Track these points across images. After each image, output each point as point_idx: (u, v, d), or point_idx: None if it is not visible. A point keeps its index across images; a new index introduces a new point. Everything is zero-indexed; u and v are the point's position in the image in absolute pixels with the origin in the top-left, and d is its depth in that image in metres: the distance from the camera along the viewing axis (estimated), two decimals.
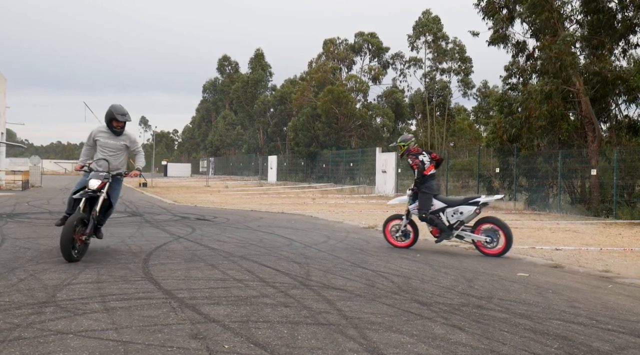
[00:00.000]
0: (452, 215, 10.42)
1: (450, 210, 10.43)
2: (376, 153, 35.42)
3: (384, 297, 6.29)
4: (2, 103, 38.13)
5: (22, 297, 5.72)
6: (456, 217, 10.38)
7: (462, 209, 10.35)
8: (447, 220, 10.44)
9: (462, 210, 10.34)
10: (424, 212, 10.45)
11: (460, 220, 10.35)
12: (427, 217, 10.43)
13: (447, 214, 10.46)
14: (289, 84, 61.31)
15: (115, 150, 9.04)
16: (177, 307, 5.51)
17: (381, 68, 50.08)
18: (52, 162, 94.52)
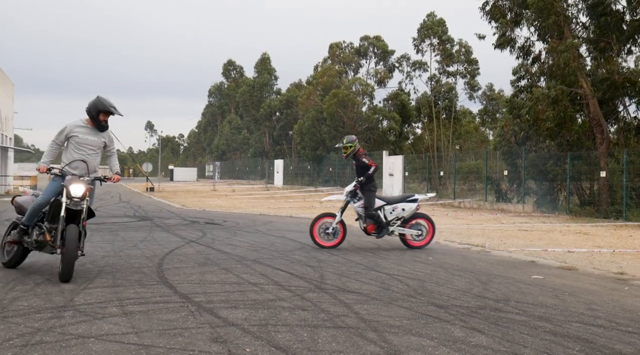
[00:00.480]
0: (390, 213, 11.00)
1: (389, 208, 11.02)
2: (383, 156, 35.40)
3: (400, 300, 6.28)
4: (10, 108, 38.32)
5: (40, 302, 5.74)
6: (395, 213, 11.01)
7: (403, 206, 11.04)
8: (384, 217, 10.97)
9: (403, 207, 11.03)
10: (372, 209, 10.82)
11: (402, 216, 11.03)
12: (375, 214, 10.83)
13: (386, 211, 11.02)
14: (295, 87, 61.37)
15: (95, 149, 7.66)
16: (195, 310, 5.51)
17: (387, 71, 50.03)
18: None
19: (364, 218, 10.95)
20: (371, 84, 49.08)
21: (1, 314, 5.22)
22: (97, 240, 11.30)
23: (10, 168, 39.15)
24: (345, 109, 45.24)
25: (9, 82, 37.38)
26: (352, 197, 11.06)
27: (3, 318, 5.07)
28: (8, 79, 37.05)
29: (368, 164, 11.03)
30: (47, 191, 7.34)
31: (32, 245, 7.40)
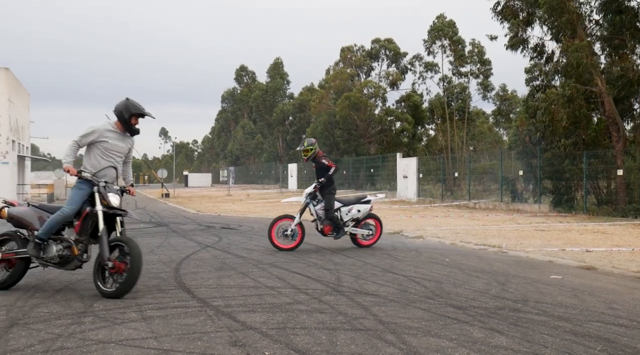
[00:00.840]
0: (346, 214, 11.23)
1: (345, 209, 11.23)
2: (397, 158, 35.34)
3: (418, 302, 6.25)
4: (26, 118, 38.73)
5: (60, 308, 5.79)
6: (351, 215, 11.23)
7: (359, 208, 11.30)
8: (340, 218, 11.16)
9: (359, 209, 11.29)
10: (333, 211, 11.00)
11: (357, 217, 11.27)
12: (335, 216, 11.01)
13: (342, 212, 11.21)
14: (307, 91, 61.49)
15: (122, 156, 7.12)
16: (214, 315, 5.52)
17: (399, 73, 49.97)
18: None
19: (322, 220, 11.06)
20: (383, 86, 49.04)
21: (22, 320, 5.27)
22: None
23: (27, 177, 39.55)
24: (357, 112, 45.23)
25: (24, 92, 37.79)
26: (311, 199, 11.16)
27: (25, 324, 5.12)
28: (24, 89, 37.46)
29: (328, 165, 11.21)
30: (74, 201, 6.63)
31: (51, 261, 6.61)
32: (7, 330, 4.94)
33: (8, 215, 6.91)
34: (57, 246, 6.62)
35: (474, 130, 53.63)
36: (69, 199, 6.71)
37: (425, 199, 31.06)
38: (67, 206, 6.62)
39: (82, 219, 6.60)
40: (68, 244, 6.62)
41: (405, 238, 13.44)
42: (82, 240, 6.61)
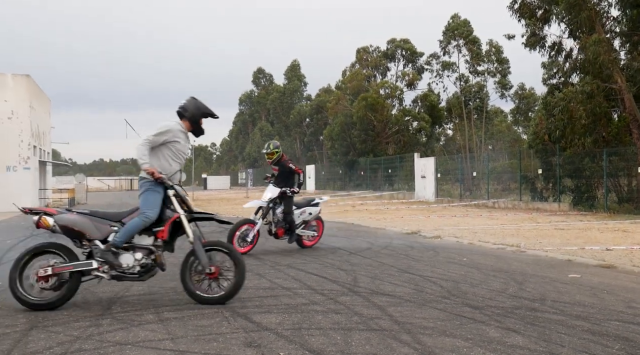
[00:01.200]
0: (298, 216, 11.20)
1: (297, 212, 11.18)
2: (414, 158, 35.24)
3: (434, 302, 6.24)
4: (47, 123, 39.22)
5: (79, 310, 5.86)
6: (302, 217, 11.27)
7: (310, 210, 11.39)
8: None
9: (310, 211, 11.38)
10: (291, 214, 10.95)
11: (307, 219, 11.35)
12: (292, 219, 10.96)
13: (295, 215, 11.10)
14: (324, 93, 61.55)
15: (184, 159, 6.88)
16: (230, 316, 5.56)
17: (416, 73, 49.82)
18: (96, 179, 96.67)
19: (277, 223, 10.88)
20: (400, 86, 48.92)
21: (42, 323, 5.35)
22: None
23: (49, 182, 40.05)
24: (374, 113, 45.16)
25: (45, 99, 38.27)
26: (273, 204, 10.90)
27: (44, 327, 5.20)
28: (45, 95, 37.93)
29: (295, 170, 11.13)
30: (155, 204, 6.25)
31: (128, 271, 6.21)
32: (26, 333, 5.02)
33: (57, 224, 6.20)
34: (135, 254, 6.20)
35: (493, 129, 53.31)
36: (148, 203, 6.25)
37: (444, 199, 30.92)
38: (149, 211, 6.20)
39: (169, 224, 6.30)
40: (149, 251, 6.25)
41: (423, 238, 13.39)
42: (160, 247, 6.33)
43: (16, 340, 4.80)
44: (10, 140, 30.13)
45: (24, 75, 31.33)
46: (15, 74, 31.14)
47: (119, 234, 6.17)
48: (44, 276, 5.97)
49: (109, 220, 6.33)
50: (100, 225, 6.27)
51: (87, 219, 6.29)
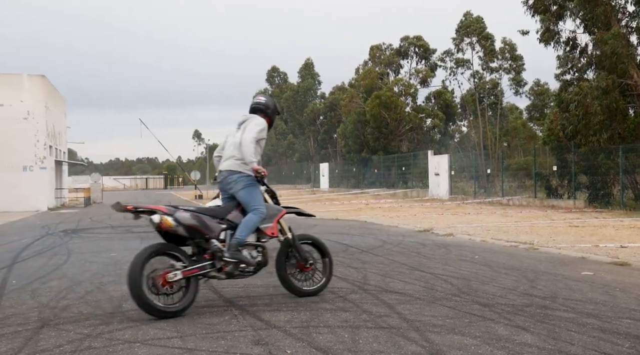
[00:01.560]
0: None
1: None
2: (428, 156, 35.12)
3: (444, 300, 6.22)
4: (63, 123, 39.57)
5: (90, 309, 5.91)
6: None
7: None
8: None
9: None
10: None
11: None
12: None
13: None
14: (338, 91, 61.52)
15: None
16: (239, 314, 5.58)
17: (429, 70, 49.63)
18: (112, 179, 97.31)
19: None
20: (413, 83, 48.76)
21: (53, 321, 5.40)
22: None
23: (65, 181, 40.41)
24: (388, 110, 45.06)
25: (61, 99, 38.61)
26: None
27: (55, 325, 5.25)
28: (60, 95, 38.28)
29: None
30: (261, 200, 6.31)
31: (246, 269, 6.11)
32: (38, 331, 5.07)
33: (180, 224, 5.70)
34: (251, 252, 6.14)
35: (507, 125, 52.95)
36: (256, 198, 6.24)
37: (458, 197, 30.79)
38: (261, 206, 6.19)
39: (277, 220, 6.37)
40: (262, 249, 6.24)
41: (435, 236, 13.35)
42: (266, 242, 6.32)
43: (27, 339, 4.86)
44: (27, 141, 30.44)
45: (39, 75, 31.64)
46: (30, 75, 31.46)
47: (240, 232, 6.01)
48: (172, 281, 5.50)
49: (216, 217, 6.09)
50: (212, 223, 5.99)
51: (200, 216, 5.91)
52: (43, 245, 12.31)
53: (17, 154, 30.13)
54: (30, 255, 10.59)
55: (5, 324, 5.32)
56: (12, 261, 9.69)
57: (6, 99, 30.26)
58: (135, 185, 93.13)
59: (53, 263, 9.51)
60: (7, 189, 29.01)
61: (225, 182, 6.39)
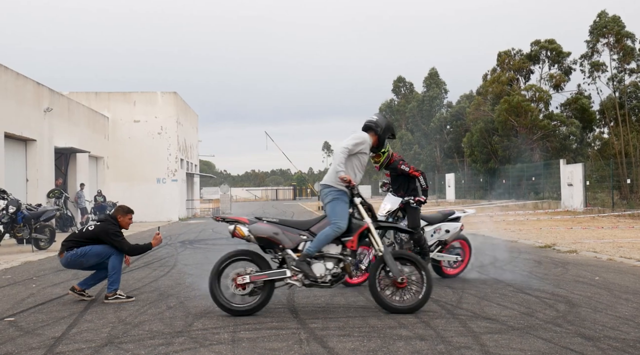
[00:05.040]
0: (431, 235, 8.55)
1: (429, 229, 8.53)
2: (560, 165, 32.93)
3: (541, 330, 5.48)
4: (195, 137, 41.57)
5: (161, 326, 5.82)
6: (437, 236, 8.58)
7: (447, 227, 8.62)
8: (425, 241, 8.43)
9: (447, 228, 8.61)
10: (419, 231, 8.25)
11: (444, 239, 8.62)
12: (422, 238, 8.20)
13: (427, 233, 8.50)
14: (465, 99, 59.79)
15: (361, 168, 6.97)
16: (304, 339, 5.22)
17: (563, 74, 46.77)
18: (244, 190, 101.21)
19: (399, 244, 8.24)
20: (546, 89, 46.15)
21: (118, 339, 5.34)
22: None
23: (196, 193, 42.37)
24: (517, 117, 42.95)
25: (193, 114, 40.59)
26: (395, 218, 8.44)
27: (118, 344, 5.17)
28: (192, 111, 40.24)
29: (411, 173, 8.42)
30: (344, 214, 6.33)
31: (320, 280, 6.26)
32: (98, 349, 5.01)
33: (252, 234, 6.33)
34: (326, 264, 6.28)
35: None
36: (337, 213, 6.30)
37: (594, 209, 28.49)
38: (340, 221, 6.25)
39: (358, 234, 6.36)
40: (338, 260, 6.32)
41: (556, 253, 12.24)
42: (348, 256, 6.35)
43: None
44: (160, 154, 32.24)
45: (171, 92, 33.40)
46: (164, 92, 33.30)
47: (312, 244, 6.29)
48: (241, 283, 6.21)
49: (298, 229, 6.48)
50: (291, 234, 6.41)
51: (278, 228, 6.42)
52: (155, 256, 12.70)
53: (152, 166, 32.01)
54: (139, 266, 10.91)
55: (73, 340, 5.33)
56: None
57: (143, 116, 32.29)
58: (266, 196, 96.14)
59: (154, 274, 9.70)
60: (143, 200, 30.77)
61: (320, 195, 6.67)
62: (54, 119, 23.31)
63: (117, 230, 7.28)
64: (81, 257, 7.14)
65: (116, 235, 7.20)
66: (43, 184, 21.91)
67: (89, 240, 7.21)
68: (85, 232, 7.34)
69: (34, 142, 21.44)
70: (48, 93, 23.00)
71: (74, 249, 7.18)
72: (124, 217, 7.43)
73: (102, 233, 7.20)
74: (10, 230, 14.39)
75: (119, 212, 7.47)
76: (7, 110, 19.15)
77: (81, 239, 7.27)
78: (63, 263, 7.31)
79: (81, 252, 7.14)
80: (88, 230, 7.35)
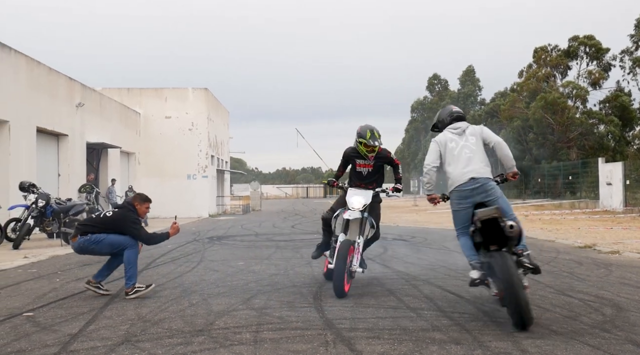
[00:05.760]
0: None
1: None
2: (599, 164, 31.97)
3: (587, 335, 5.06)
4: (226, 134, 41.54)
5: (181, 324, 5.54)
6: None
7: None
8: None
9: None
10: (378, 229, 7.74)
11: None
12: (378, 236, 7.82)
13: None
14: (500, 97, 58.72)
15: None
16: (331, 340, 4.89)
17: (602, 71, 45.55)
18: (275, 187, 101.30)
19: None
20: (584, 86, 44.99)
21: (136, 337, 5.07)
22: (277, 257, 11.27)
23: (226, 189, 42.36)
24: (554, 115, 41.91)
25: (224, 111, 40.54)
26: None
27: (135, 342, 4.91)
28: (223, 107, 40.18)
29: (396, 162, 8.08)
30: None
31: None
32: (114, 348, 4.74)
33: None
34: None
35: None
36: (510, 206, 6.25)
37: (634, 209, 27.55)
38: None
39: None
40: None
41: (597, 253, 11.68)
42: None
43: None
44: (191, 150, 32.24)
45: (202, 88, 33.35)
46: (195, 88, 33.27)
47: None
48: None
49: None
50: None
51: None
52: (182, 252, 12.51)
53: (182, 163, 32.02)
54: (165, 261, 10.72)
55: (89, 337, 5.08)
56: (144, 267, 9.79)
57: (174, 112, 32.31)
58: (297, 193, 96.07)
59: (179, 270, 9.47)
60: (174, 196, 30.83)
61: (482, 189, 6.23)
62: (86, 114, 23.39)
63: (136, 218, 7.03)
64: (94, 244, 6.86)
65: (135, 223, 6.95)
66: (75, 179, 22.00)
67: (105, 226, 6.95)
68: (103, 218, 7.07)
69: (66, 137, 21.53)
70: (80, 88, 23.09)
71: (88, 234, 6.92)
72: (141, 206, 7.15)
73: (120, 220, 6.95)
74: (40, 224, 14.38)
75: (136, 200, 7.20)
76: (39, 105, 19.23)
77: (98, 224, 6.98)
78: (75, 247, 7.04)
79: (95, 239, 6.86)
80: (106, 216, 7.09)
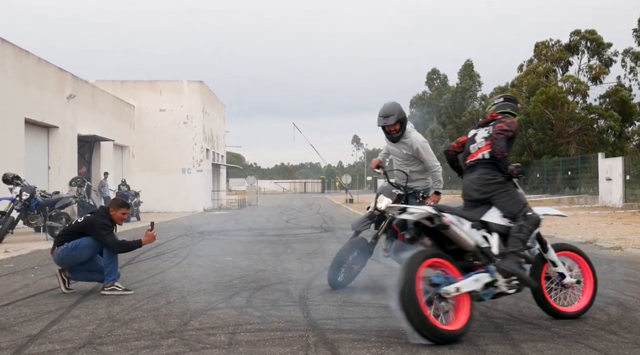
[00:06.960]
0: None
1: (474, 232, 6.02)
2: (598, 159, 31.56)
3: (593, 337, 4.65)
4: (222, 128, 41.07)
5: (153, 325, 5.12)
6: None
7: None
8: None
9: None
10: None
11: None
12: None
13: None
14: (499, 91, 58.31)
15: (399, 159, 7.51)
16: (312, 344, 4.46)
17: (603, 66, 45.12)
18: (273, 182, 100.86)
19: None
20: (584, 81, 44.57)
21: (100, 340, 4.63)
22: (266, 252, 10.87)
23: (222, 184, 41.92)
24: (553, 110, 41.50)
25: (220, 104, 40.06)
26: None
27: (98, 345, 4.47)
28: (219, 100, 39.70)
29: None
30: None
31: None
32: (73, 352, 4.29)
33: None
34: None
35: None
36: None
37: (634, 204, 27.17)
38: None
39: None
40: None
41: (599, 249, 11.28)
42: None
43: None
44: (185, 144, 31.74)
45: (197, 81, 32.85)
46: (190, 81, 32.77)
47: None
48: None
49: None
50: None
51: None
52: (169, 246, 12.10)
53: (177, 156, 31.52)
54: (149, 257, 10.29)
55: (50, 339, 4.64)
56: (126, 262, 9.35)
57: (169, 105, 31.78)
58: (294, 188, 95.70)
59: (163, 266, 9.06)
60: (169, 190, 30.40)
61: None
62: (78, 106, 22.92)
63: (105, 224, 6.59)
64: (73, 251, 6.49)
65: (103, 229, 6.51)
66: (65, 172, 21.54)
67: (78, 233, 6.57)
68: (74, 225, 6.76)
69: (56, 129, 21.07)
70: (71, 79, 22.62)
71: (64, 243, 6.56)
72: (116, 211, 6.73)
73: (88, 225, 6.57)
74: (25, 218, 13.94)
75: (112, 205, 6.82)
76: (27, 96, 18.76)
77: (70, 232, 6.66)
78: (56, 260, 6.68)
79: (72, 246, 6.49)
80: (77, 222, 6.76)
